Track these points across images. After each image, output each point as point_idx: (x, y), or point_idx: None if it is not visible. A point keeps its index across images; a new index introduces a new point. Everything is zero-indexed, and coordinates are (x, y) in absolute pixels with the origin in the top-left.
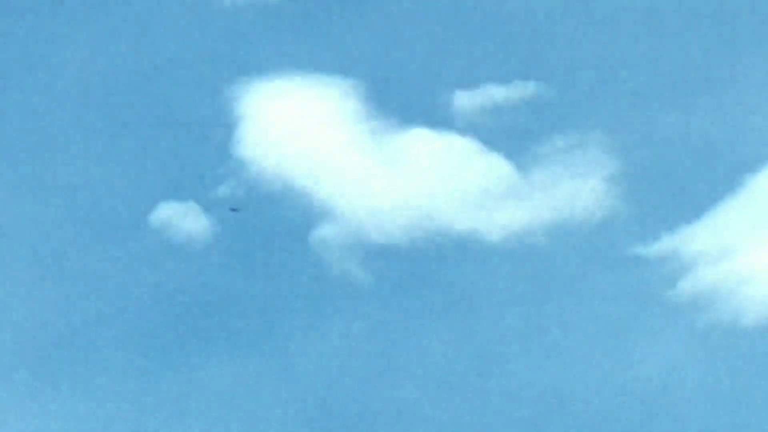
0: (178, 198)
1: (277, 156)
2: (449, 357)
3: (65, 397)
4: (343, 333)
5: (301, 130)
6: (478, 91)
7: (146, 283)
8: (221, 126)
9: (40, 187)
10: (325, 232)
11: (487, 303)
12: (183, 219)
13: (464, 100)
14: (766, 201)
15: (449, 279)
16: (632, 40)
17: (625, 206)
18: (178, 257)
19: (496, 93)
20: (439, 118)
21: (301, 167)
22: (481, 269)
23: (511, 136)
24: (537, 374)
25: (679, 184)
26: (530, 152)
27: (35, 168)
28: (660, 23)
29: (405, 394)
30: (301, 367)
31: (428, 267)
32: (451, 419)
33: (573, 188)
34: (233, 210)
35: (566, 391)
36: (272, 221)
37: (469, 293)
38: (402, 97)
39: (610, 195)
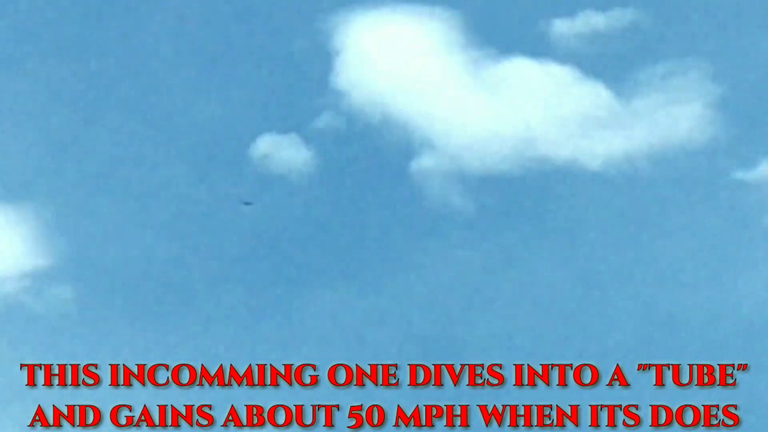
0: (278, 130)
1: (376, 87)
2: (551, 284)
3: (166, 330)
4: (445, 262)
5: (399, 60)
6: (576, 18)
7: (248, 214)
8: (320, 57)
9: (141, 123)
10: (425, 162)
11: (587, 230)
12: (283, 151)
13: (563, 28)
14: None
15: (550, 207)
16: None
17: (725, 132)
18: (279, 189)
19: (595, 20)
20: (538, 47)
21: (400, 98)
22: (581, 197)
23: (610, 64)
24: (638, 300)
25: None
26: (630, 79)
27: (136, 104)
28: None
29: (507, 321)
30: (403, 297)
31: (529, 195)
32: (553, 345)
33: (673, 114)
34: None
35: (667, 316)
36: (372, 152)
37: (569, 221)
38: (500, 26)
39: (711, 121)
